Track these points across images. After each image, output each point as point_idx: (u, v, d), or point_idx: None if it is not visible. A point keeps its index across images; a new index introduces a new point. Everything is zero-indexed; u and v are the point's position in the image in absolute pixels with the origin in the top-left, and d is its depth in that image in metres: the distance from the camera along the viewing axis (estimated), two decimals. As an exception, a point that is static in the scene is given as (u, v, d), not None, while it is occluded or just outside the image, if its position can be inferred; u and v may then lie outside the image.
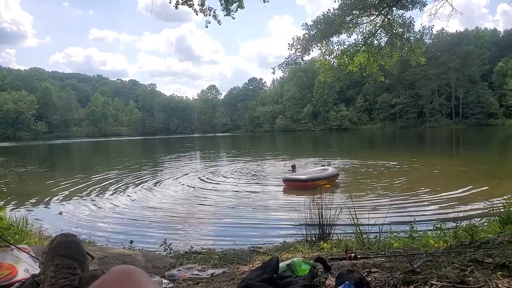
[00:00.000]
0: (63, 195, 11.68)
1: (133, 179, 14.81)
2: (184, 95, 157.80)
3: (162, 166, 20.88)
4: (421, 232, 4.31)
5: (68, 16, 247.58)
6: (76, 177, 15.88)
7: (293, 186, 11.89)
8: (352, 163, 19.17)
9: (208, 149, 39.62)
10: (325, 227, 4.55)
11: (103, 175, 16.39)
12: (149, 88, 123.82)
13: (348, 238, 4.34)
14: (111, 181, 14.53)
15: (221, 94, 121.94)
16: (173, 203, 10.37)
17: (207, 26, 7.33)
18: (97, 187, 13.00)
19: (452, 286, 1.58)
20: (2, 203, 8.96)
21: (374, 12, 8.73)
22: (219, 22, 7.30)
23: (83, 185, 13.56)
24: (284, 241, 5.27)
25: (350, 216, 4.46)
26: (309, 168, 16.18)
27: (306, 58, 10.07)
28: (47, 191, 12.40)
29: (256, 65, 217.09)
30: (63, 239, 1.47)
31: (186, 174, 16.24)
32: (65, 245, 1.44)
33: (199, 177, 15.17)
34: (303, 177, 12.16)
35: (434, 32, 57.35)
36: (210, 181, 14.23)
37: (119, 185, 13.50)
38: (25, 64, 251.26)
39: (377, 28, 9.04)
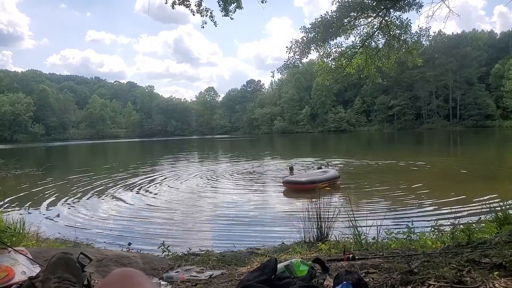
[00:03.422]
0: (61, 197, 11.63)
1: (131, 181, 14.78)
2: (182, 97, 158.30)
3: (160, 168, 20.85)
4: (418, 233, 4.32)
5: (65, 17, 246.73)
6: (74, 179, 15.84)
7: (293, 188, 11.82)
8: (350, 164, 19.21)
9: (207, 151, 39.61)
10: (323, 228, 4.56)
11: (100, 177, 16.35)
12: (147, 90, 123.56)
13: (346, 239, 4.34)
14: (108, 183, 14.50)
15: (219, 96, 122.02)
16: (171, 205, 10.36)
17: (203, 27, 7.32)
18: (95, 189, 12.97)
19: (450, 286, 1.58)
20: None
21: (371, 14, 8.77)
22: (215, 23, 7.28)
23: (81, 187, 13.52)
24: (282, 243, 5.27)
25: (348, 217, 4.47)
26: (309, 169, 16.20)
27: (304, 60, 10.11)
28: (44, 193, 12.35)
29: (254, 67, 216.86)
30: (62, 256, 1.52)
31: (184, 176, 16.23)
32: (65, 261, 1.49)
33: (197, 179, 15.16)
34: (303, 179, 12.07)
35: (431, 34, 57.54)
36: (208, 182, 14.22)
37: (116, 187, 13.47)
38: (22, 66, 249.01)
39: (375, 29, 9.08)
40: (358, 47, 9.40)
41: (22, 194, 12.27)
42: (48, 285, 1.38)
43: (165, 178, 15.59)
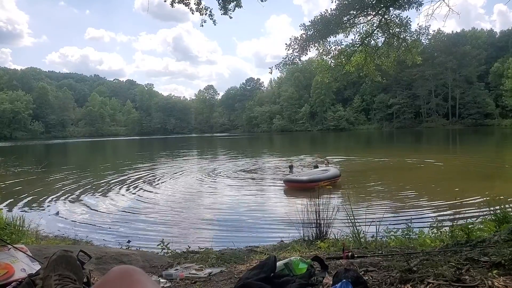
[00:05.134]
0: (60, 195, 11.64)
1: (131, 179, 14.77)
2: (182, 95, 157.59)
3: (159, 166, 20.84)
4: (417, 232, 4.33)
5: (64, 15, 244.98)
6: (73, 177, 15.83)
7: (294, 187, 11.79)
8: (349, 162, 19.22)
9: (206, 149, 39.59)
10: (322, 226, 4.56)
11: (100, 175, 16.35)
12: (146, 88, 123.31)
13: (345, 237, 4.35)
14: (108, 181, 14.49)
15: (218, 94, 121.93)
16: (170, 202, 10.37)
17: (202, 25, 7.28)
18: (94, 187, 12.97)
19: (449, 284, 1.59)
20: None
21: (371, 12, 8.74)
22: (214, 22, 7.24)
23: (80, 185, 13.51)
24: (282, 241, 5.28)
25: (348, 215, 4.47)
26: (308, 168, 16.20)
27: (304, 58, 10.08)
28: (44, 191, 12.35)
29: (254, 65, 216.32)
30: (62, 253, 1.52)
31: (183, 174, 16.23)
32: (65, 259, 1.49)
33: (196, 177, 15.17)
34: (304, 178, 12.05)
35: (431, 32, 57.42)
36: (208, 180, 14.22)
37: (116, 185, 13.47)
38: (21, 64, 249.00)
39: (374, 28, 9.05)
40: (358, 45, 9.38)
41: (21, 191, 12.26)
42: (49, 282, 1.38)
43: (164, 176, 15.59)
